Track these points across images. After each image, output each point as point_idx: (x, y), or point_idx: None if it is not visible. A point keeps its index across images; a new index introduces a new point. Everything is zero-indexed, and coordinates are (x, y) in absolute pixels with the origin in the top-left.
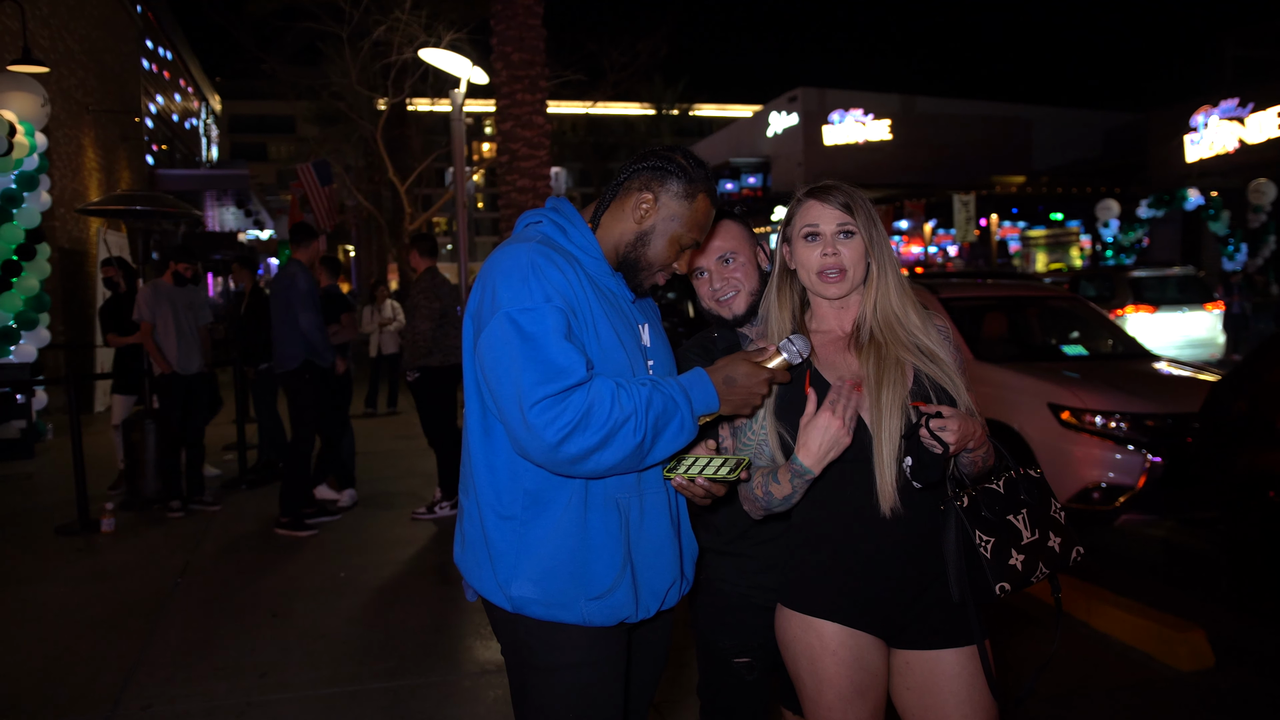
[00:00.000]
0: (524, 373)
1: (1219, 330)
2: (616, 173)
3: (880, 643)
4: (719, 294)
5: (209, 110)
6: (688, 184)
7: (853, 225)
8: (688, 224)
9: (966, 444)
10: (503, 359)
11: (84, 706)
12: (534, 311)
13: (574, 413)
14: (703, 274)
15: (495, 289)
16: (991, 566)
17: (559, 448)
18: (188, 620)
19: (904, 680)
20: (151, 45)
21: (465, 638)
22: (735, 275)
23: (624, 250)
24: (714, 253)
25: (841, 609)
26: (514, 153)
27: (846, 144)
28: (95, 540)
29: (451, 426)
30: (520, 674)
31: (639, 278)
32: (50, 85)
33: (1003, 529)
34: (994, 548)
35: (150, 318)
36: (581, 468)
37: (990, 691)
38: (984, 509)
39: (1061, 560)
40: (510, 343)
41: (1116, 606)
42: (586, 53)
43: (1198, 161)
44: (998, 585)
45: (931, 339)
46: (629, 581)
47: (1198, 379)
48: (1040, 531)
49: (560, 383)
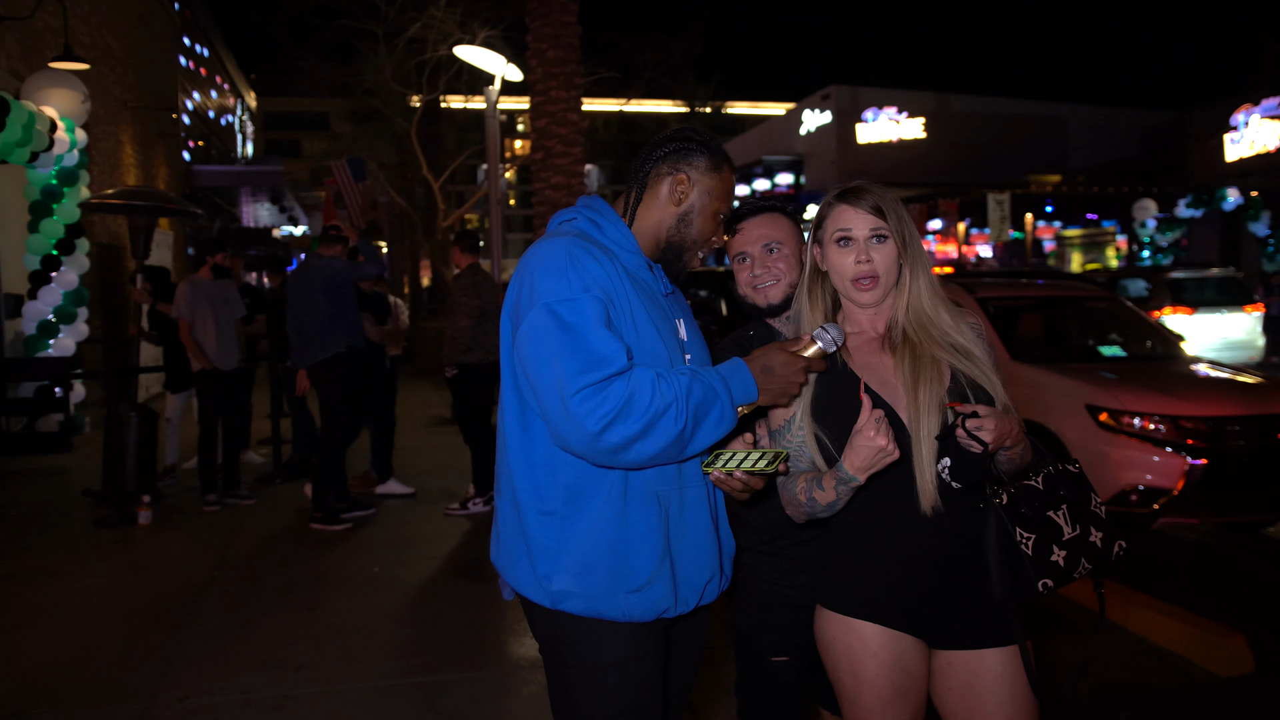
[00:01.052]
0: (565, 362)
1: (1258, 332)
2: (635, 166)
3: (920, 644)
4: (758, 280)
5: (244, 107)
6: (711, 157)
7: (885, 229)
8: (721, 195)
9: (1004, 442)
10: (543, 349)
11: (122, 697)
12: (573, 302)
13: (615, 401)
14: (745, 259)
15: (534, 282)
16: (1034, 563)
17: (601, 436)
18: (224, 613)
19: (945, 680)
20: (189, 42)
21: (500, 633)
22: (778, 265)
23: (667, 235)
24: (760, 240)
25: (882, 610)
26: (548, 149)
27: (880, 142)
28: (133, 533)
29: (488, 423)
30: (559, 672)
31: (684, 259)
32: (90, 82)
33: (1044, 525)
34: (1035, 544)
35: (189, 315)
36: (623, 457)
37: (1032, 690)
38: (1024, 505)
39: (1104, 555)
40: (550, 333)
41: (1155, 610)
42: (621, 50)
43: (1238, 161)
44: (1040, 582)
45: (965, 336)
46: (668, 574)
47: (1237, 381)
48: (1081, 527)
49: (601, 371)
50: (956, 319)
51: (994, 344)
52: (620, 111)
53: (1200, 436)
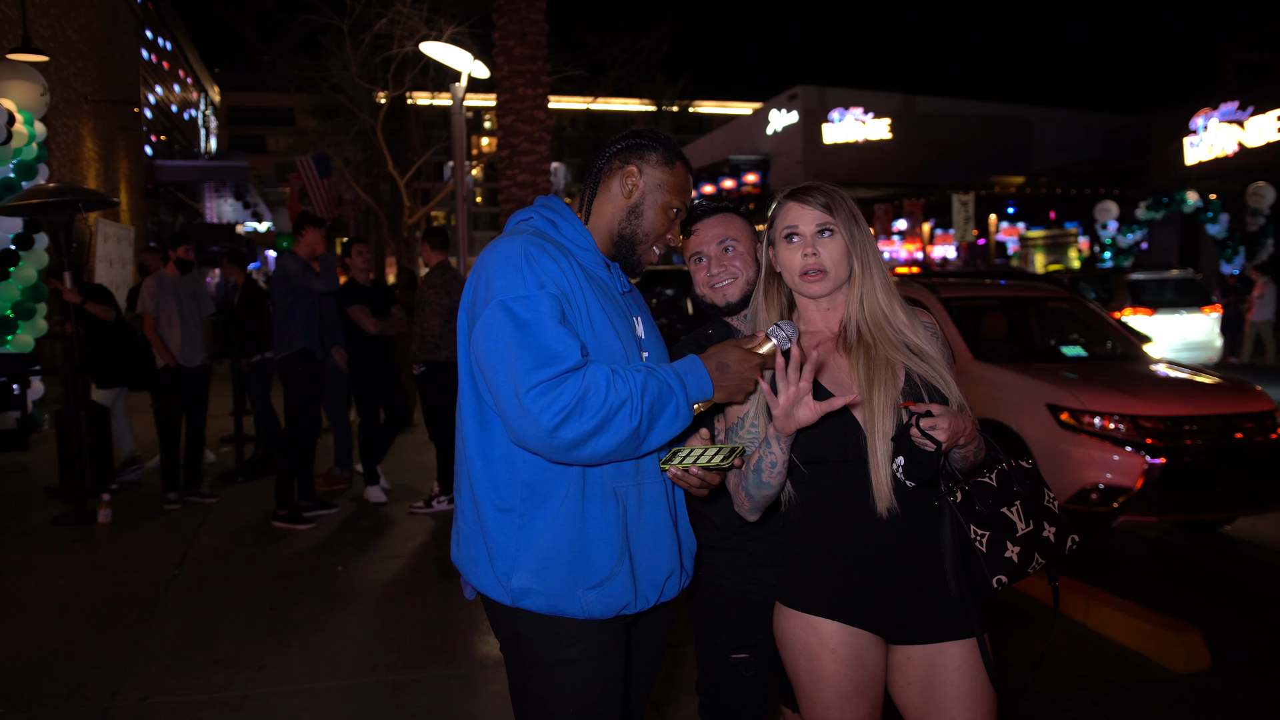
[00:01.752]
0: (519, 359)
1: (1216, 333)
2: (591, 165)
3: (879, 640)
4: (715, 280)
5: (208, 101)
6: (665, 152)
7: (833, 224)
8: (673, 189)
9: (958, 440)
10: (497, 346)
11: (81, 698)
12: (528, 299)
13: (569, 397)
14: (701, 259)
15: (489, 279)
16: (988, 560)
17: (555, 433)
18: (185, 612)
19: (904, 676)
20: (151, 35)
21: (464, 632)
22: (734, 264)
23: (619, 228)
24: (715, 239)
25: (840, 607)
26: (515, 147)
27: (846, 142)
28: (92, 532)
29: (454, 422)
30: (520, 670)
31: (637, 252)
32: (49, 74)
33: (997, 522)
34: (989, 541)
35: (154, 310)
36: (578, 454)
37: (991, 683)
38: (978, 503)
39: (1056, 549)
40: (505, 330)
41: (1114, 607)
42: (588, 48)
43: (1197, 164)
44: (994, 578)
45: (919, 336)
46: (627, 570)
47: (1195, 381)
48: (1035, 522)
49: (555, 367)
50: (911, 318)
51: (956, 343)
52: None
53: (1159, 436)
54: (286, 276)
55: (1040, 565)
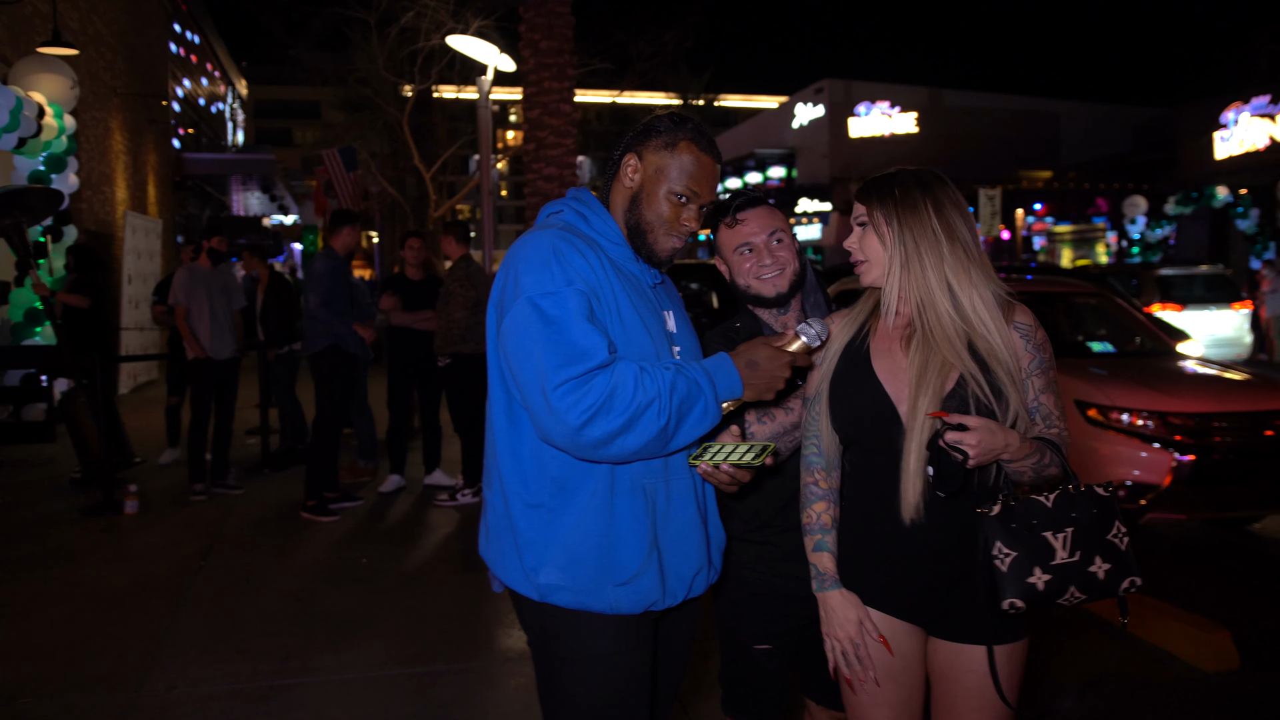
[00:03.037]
0: (546, 356)
1: (1246, 329)
2: (610, 156)
3: (917, 630)
4: (765, 271)
5: (235, 95)
6: (668, 135)
7: (866, 219)
8: (676, 173)
9: (994, 456)
10: (525, 343)
11: (109, 687)
12: (556, 295)
13: (597, 395)
14: (749, 250)
15: (518, 275)
16: (1006, 580)
17: (582, 431)
18: (211, 603)
19: (931, 667)
20: (179, 29)
21: (489, 625)
22: (783, 254)
23: (624, 218)
24: (764, 230)
25: (877, 597)
26: (540, 140)
27: (872, 136)
28: (119, 522)
29: (480, 414)
30: (547, 665)
31: (647, 241)
32: (79, 68)
33: (1032, 544)
34: (1013, 562)
35: (185, 302)
36: (605, 452)
37: (999, 695)
38: (1016, 521)
39: (1104, 587)
40: (533, 326)
41: (1141, 606)
42: (614, 41)
43: (1227, 159)
44: (1007, 600)
45: (997, 337)
46: (655, 567)
47: (1224, 378)
48: (1083, 554)
49: (583, 365)
50: (994, 316)
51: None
52: (613, 103)
53: (1188, 433)
54: (311, 272)
55: (1078, 599)
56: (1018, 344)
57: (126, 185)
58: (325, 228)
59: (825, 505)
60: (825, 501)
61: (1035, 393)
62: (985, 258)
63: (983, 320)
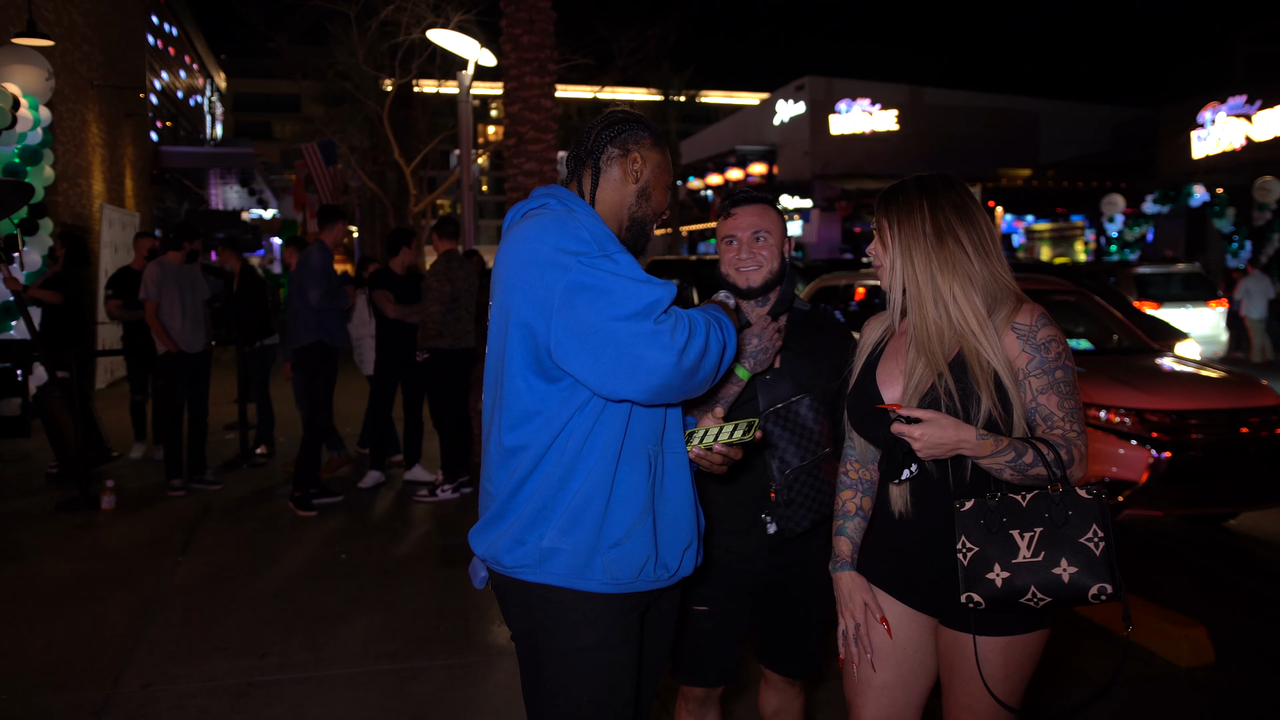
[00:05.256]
0: (628, 301)
1: (1222, 328)
2: (585, 150)
3: (926, 619)
4: (743, 264)
5: (214, 88)
6: (654, 135)
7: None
8: (667, 169)
9: (946, 451)
10: (604, 296)
11: (85, 683)
12: (605, 254)
13: (684, 322)
14: (733, 242)
15: (557, 252)
16: (965, 574)
17: (684, 353)
18: (188, 599)
19: (939, 652)
20: (157, 21)
21: (469, 620)
22: (763, 252)
23: (630, 211)
24: (750, 227)
25: (890, 583)
26: (521, 136)
27: (853, 134)
28: (96, 518)
29: (458, 410)
30: (533, 658)
31: (646, 231)
32: (55, 59)
33: (995, 542)
34: (974, 558)
35: (156, 296)
36: (697, 376)
37: (984, 685)
38: (984, 517)
39: (1069, 592)
40: (605, 279)
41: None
42: (596, 37)
43: (1204, 158)
44: (965, 594)
45: (979, 339)
46: (649, 528)
47: (1201, 375)
48: (1048, 555)
49: (664, 300)
50: (976, 318)
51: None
52: (595, 99)
53: (1165, 430)
54: (307, 266)
55: (1043, 601)
56: (1012, 345)
57: (103, 178)
58: (311, 222)
59: (851, 494)
60: (852, 490)
61: (1033, 393)
62: (994, 257)
63: (965, 320)
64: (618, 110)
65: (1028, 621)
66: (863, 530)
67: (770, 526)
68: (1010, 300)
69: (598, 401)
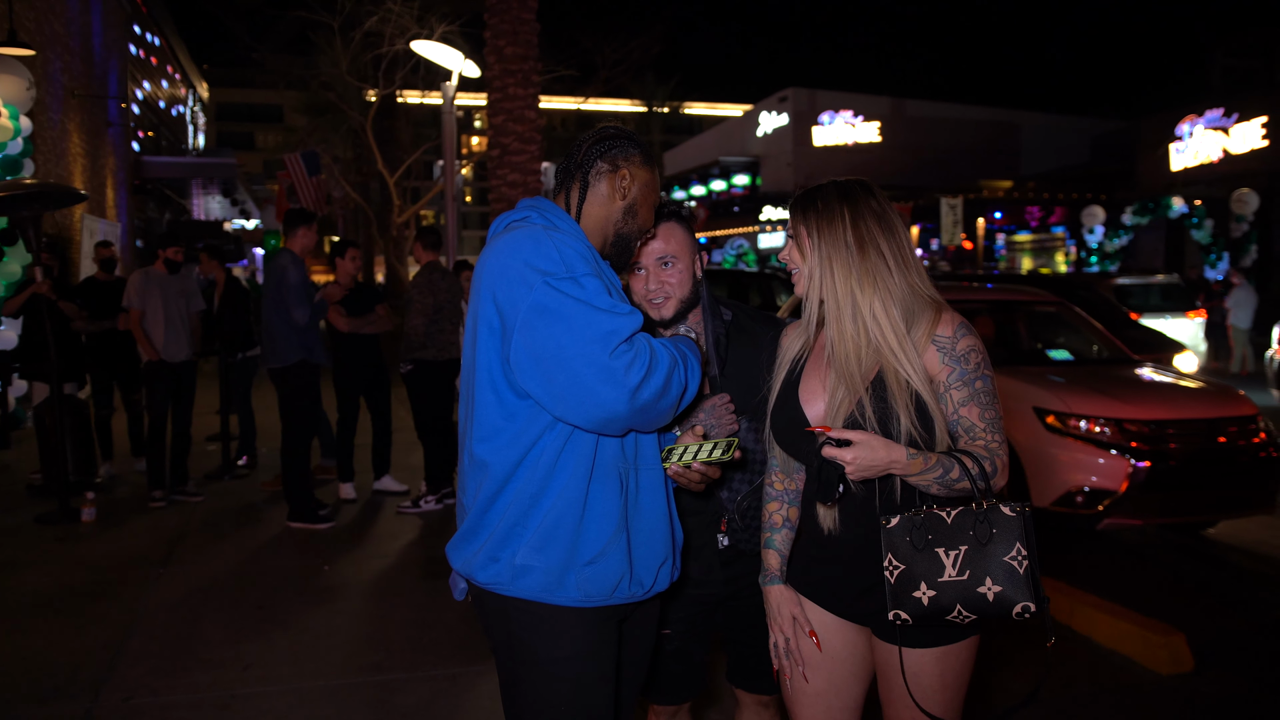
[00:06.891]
0: (589, 328)
1: (1201, 338)
2: (574, 164)
3: (859, 629)
4: (651, 295)
5: (196, 98)
6: (644, 152)
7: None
8: (655, 187)
9: (878, 471)
10: (560, 322)
11: (65, 697)
12: (575, 276)
13: (644, 355)
14: (640, 270)
15: (525, 265)
16: (892, 591)
17: (640, 390)
18: (170, 612)
19: (875, 663)
20: (139, 31)
21: (452, 632)
22: (670, 280)
23: (616, 227)
24: (654, 254)
25: (820, 595)
26: (505, 147)
27: (836, 145)
28: (76, 530)
29: (442, 421)
30: (511, 670)
31: (631, 247)
32: (35, 69)
33: (921, 559)
34: (900, 575)
35: (139, 305)
36: (650, 414)
37: (909, 695)
38: (910, 534)
39: (994, 609)
40: (565, 305)
41: (1098, 609)
42: (580, 48)
43: (1182, 170)
44: (892, 612)
45: (896, 355)
46: (623, 546)
47: (1180, 385)
48: (973, 574)
49: (626, 330)
50: (894, 332)
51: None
52: (578, 110)
53: (1144, 439)
54: (286, 283)
55: (968, 619)
56: (933, 359)
57: (84, 188)
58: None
59: (778, 505)
60: (778, 502)
61: (955, 406)
62: (911, 268)
63: (884, 338)
64: (610, 126)
65: (946, 634)
66: (790, 541)
67: (723, 540)
68: (929, 311)
69: None
